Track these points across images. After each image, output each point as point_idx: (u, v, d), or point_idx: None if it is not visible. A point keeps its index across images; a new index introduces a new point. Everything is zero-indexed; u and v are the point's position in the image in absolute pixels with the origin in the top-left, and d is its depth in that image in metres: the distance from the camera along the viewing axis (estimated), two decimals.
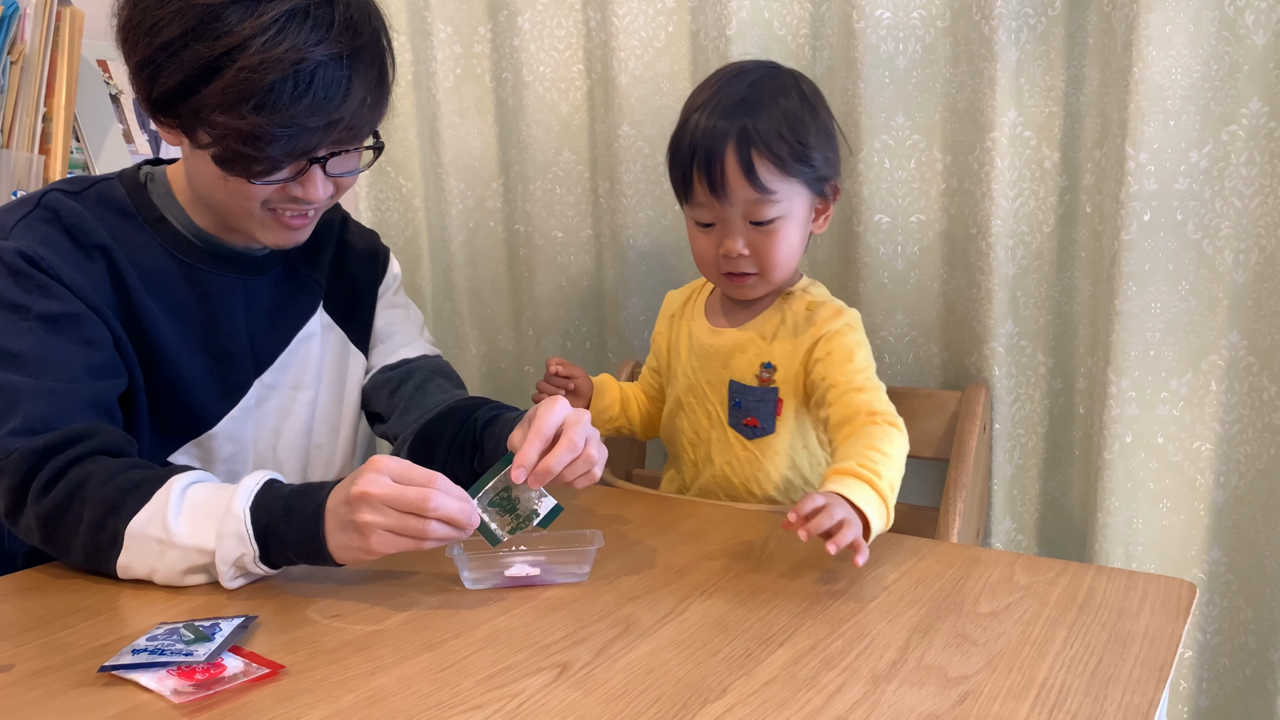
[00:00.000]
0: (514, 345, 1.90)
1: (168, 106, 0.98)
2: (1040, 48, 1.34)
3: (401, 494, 0.87)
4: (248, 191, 1.02)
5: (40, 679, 0.77)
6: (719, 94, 1.15)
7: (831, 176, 1.20)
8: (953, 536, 1.28)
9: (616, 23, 1.60)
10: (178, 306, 1.09)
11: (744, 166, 1.13)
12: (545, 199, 1.76)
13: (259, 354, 1.16)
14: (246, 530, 0.90)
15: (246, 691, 0.75)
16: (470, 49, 1.80)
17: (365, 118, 1.02)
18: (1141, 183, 1.24)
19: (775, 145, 1.13)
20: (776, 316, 1.23)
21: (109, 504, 0.92)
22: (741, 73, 1.18)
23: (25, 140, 1.66)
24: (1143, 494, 1.32)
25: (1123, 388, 1.29)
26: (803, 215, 1.18)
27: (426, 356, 1.29)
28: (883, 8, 1.40)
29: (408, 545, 0.88)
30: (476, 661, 0.79)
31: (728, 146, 1.13)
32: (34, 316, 0.99)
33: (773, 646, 0.82)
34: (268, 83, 0.93)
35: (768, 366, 1.22)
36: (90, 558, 0.94)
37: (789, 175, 1.14)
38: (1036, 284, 1.41)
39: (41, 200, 1.05)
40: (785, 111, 1.14)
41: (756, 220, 1.15)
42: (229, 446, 1.15)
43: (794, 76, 1.21)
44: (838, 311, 1.20)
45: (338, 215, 1.28)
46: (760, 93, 1.15)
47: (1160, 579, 0.94)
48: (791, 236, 1.17)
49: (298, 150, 0.98)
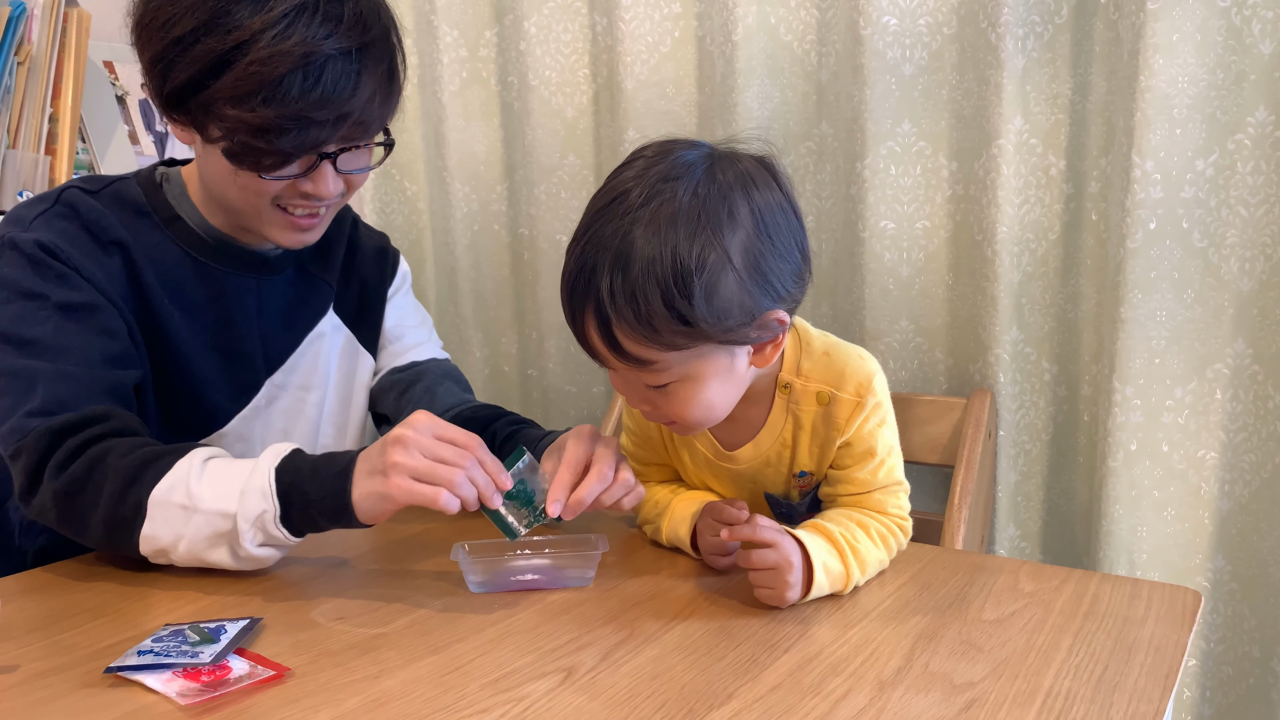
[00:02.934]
0: (517, 349, 1.90)
1: (180, 102, 0.99)
2: (1047, 55, 1.34)
3: (438, 446, 0.88)
4: (259, 187, 1.03)
5: (46, 680, 0.77)
6: (587, 231, 0.85)
7: (752, 320, 0.86)
8: (957, 543, 1.28)
9: (623, 27, 1.60)
10: (191, 305, 1.10)
11: (606, 342, 0.85)
12: (550, 203, 1.76)
13: (270, 354, 1.17)
14: (270, 486, 0.91)
15: (252, 694, 0.74)
16: (476, 52, 1.80)
17: (375, 113, 1.02)
18: (1147, 191, 1.24)
19: (640, 318, 0.82)
20: (787, 420, 1.00)
21: (129, 475, 0.93)
22: (620, 195, 0.84)
23: (31, 141, 1.66)
24: (1147, 502, 1.32)
25: (1127, 395, 1.29)
26: (714, 371, 0.89)
27: (436, 360, 1.29)
28: (889, 14, 1.40)
29: (424, 495, 0.86)
30: (482, 665, 0.79)
31: (586, 314, 0.85)
32: (52, 305, 1.00)
33: (778, 652, 0.82)
34: (277, 75, 0.94)
35: (802, 475, 1.03)
36: (111, 531, 0.94)
37: (669, 349, 0.85)
38: (1041, 291, 1.41)
39: (60, 197, 1.06)
40: (668, 271, 0.81)
41: (649, 384, 0.90)
42: (238, 446, 1.15)
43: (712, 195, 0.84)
44: (857, 405, 0.96)
45: (348, 217, 1.28)
46: (634, 239, 0.82)
47: (1165, 587, 0.94)
48: (699, 397, 0.89)
49: (307, 143, 0.99)
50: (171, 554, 0.94)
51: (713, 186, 0.85)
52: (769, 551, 0.88)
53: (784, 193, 0.89)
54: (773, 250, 0.86)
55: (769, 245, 0.86)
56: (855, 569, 0.93)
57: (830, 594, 0.92)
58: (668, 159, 0.86)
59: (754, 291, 0.85)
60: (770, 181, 0.88)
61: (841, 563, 0.92)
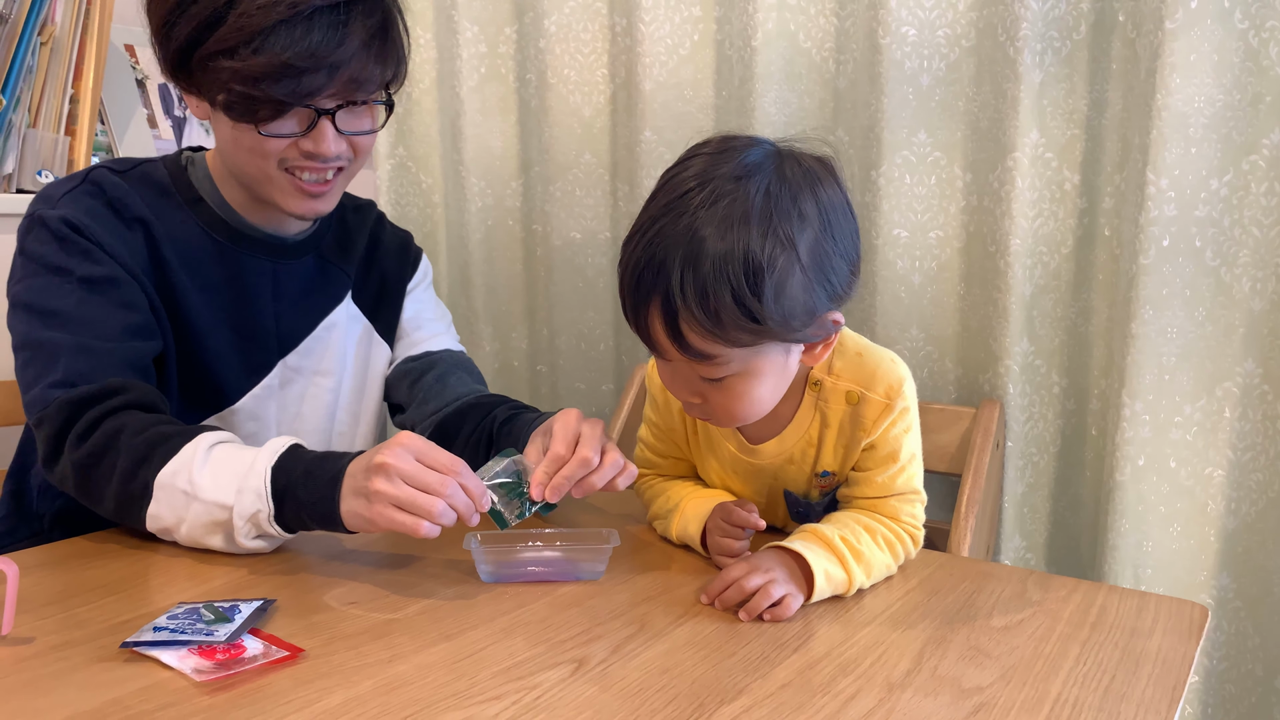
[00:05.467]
0: (528, 344, 1.91)
1: (183, 64, 1.04)
2: (1064, 71, 1.35)
3: (421, 474, 0.88)
4: (263, 148, 1.06)
5: (61, 653, 0.77)
6: (654, 224, 0.84)
7: (813, 320, 0.87)
8: (963, 551, 1.29)
9: (643, 29, 1.61)
10: (209, 283, 1.14)
11: (670, 334, 0.85)
12: (564, 200, 1.77)
13: (283, 335, 1.20)
14: (265, 488, 0.93)
15: (266, 673, 0.75)
16: (495, 49, 1.81)
17: (369, 70, 1.05)
18: (1161, 208, 1.25)
19: (709, 313, 0.82)
20: (815, 417, 1.00)
21: (140, 455, 0.96)
22: (690, 190, 0.84)
23: (52, 121, 1.67)
24: (1153, 517, 1.33)
25: (1136, 410, 1.30)
26: (770, 367, 0.90)
27: (449, 350, 1.31)
28: (908, 25, 1.41)
29: (406, 525, 0.87)
30: (494, 653, 0.80)
31: (651, 309, 0.85)
32: (76, 279, 1.04)
33: (787, 651, 0.82)
34: (266, 25, 0.98)
35: (824, 475, 1.03)
36: (121, 506, 0.97)
37: (734, 345, 0.85)
38: (1053, 304, 1.41)
39: (88, 176, 1.10)
40: (739, 266, 0.81)
41: (704, 377, 0.89)
42: (250, 424, 1.18)
43: (783, 192, 0.84)
44: (886, 406, 0.97)
45: (373, 213, 1.32)
46: (703, 234, 0.82)
47: (1172, 600, 0.95)
48: (753, 392, 0.90)
49: (299, 92, 1.02)
50: (175, 533, 0.97)
51: (783, 185, 0.84)
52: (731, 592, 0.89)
53: (843, 192, 0.89)
54: (835, 249, 0.86)
55: (833, 244, 0.86)
56: (859, 572, 0.93)
57: (832, 595, 0.93)
58: (733, 159, 0.86)
59: (816, 291, 0.85)
60: (832, 180, 0.88)
61: (843, 568, 0.93)
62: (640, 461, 1.13)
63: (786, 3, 1.52)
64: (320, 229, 1.23)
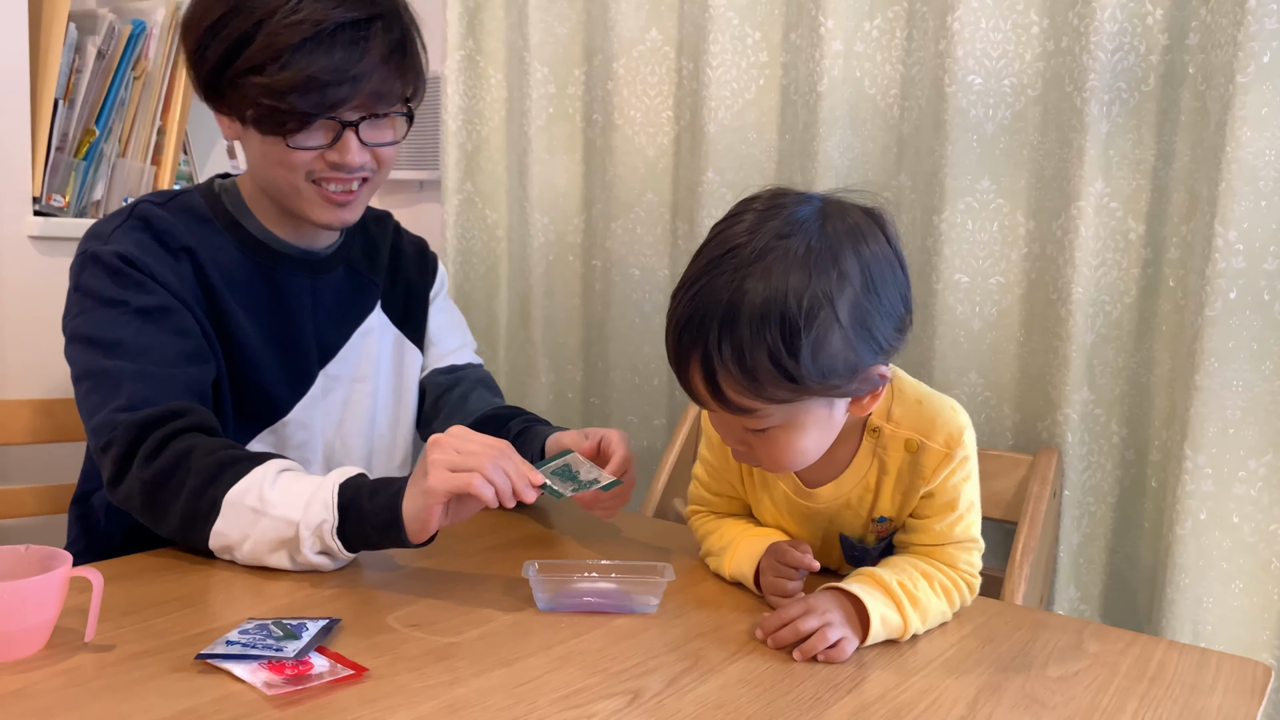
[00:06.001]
0: (583, 377, 1.93)
1: (215, 85, 1.11)
2: (1131, 122, 1.35)
3: (469, 443, 0.96)
4: (291, 160, 1.12)
5: (140, 661, 0.80)
6: (698, 281, 0.86)
7: (855, 375, 0.87)
8: (1018, 600, 1.28)
9: (709, 73, 1.64)
10: (252, 302, 1.19)
11: (710, 390, 0.87)
12: (625, 237, 1.80)
13: (323, 346, 1.26)
14: (332, 499, 0.98)
15: (332, 690, 0.77)
16: (564, 90, 1.85)
17: (389, 83, 1.11)
18: (1229, 260, 1.24)
19: (746, 371, 0.84)
20: (873, 464, 1.00)
21: (209, 474, 1.01)
22: (733, 250, 0.85)
23: (140, 151, 1.74)
24: (1214, 573, 1.31)
25: (1199, 464, 1.28)
26: (814, 421, 0.91)
27: (472, 365, 1.40)
28: (974, 74, 1.42)
29: (460, 481, 0.92)
30: (551, 681, 0.81)
31: (692, 365, 0.87)
32: (132, 310, 1.10)
33: (840, 693, 0.82)
34: (292, 42, 1.05)
35: (881, 521, 1.03)
36: (186, 523, 1.01)
37: (771, 401, 0.87)
38: (1115, 353, 1.41)
39: (134, 211, 1.16)
40: (776, 325, 0.82)
41: (749, 428, 0.91)
42: (300, 434, 1.24)
43: (824, 247, 0.85)
44: (945, 456, 0.96)
45: (390, 223, 1.39)
46: (745, 292, 0.83)
47: (1234, 658, 0.94)
48: (796, 444, 0.91)
49: (325, 104, 1.08)
50: (236, 551, 1.01)
51: (825, 242, 0.85)
52: (786, 632, 0.90)
53: (891, 246, 0.89)
54: (879, 306, 0.86)
55: (875, 301, 0.86)
56: (914, 618, 0.93)
57: (887, 639, 0.93)
58: (781, 214, 0.87)
59: (858, 347, 0.86)
60: (878, 234, 0.89)
61: (899, 614, 0.93)
62: (694, 499, 1.15)
63: (853, 50, 1.54)
64: (347, 241, 1.29)
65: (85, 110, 1.67)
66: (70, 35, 1.63)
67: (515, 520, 1.27)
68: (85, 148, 1.68)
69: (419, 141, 2.18)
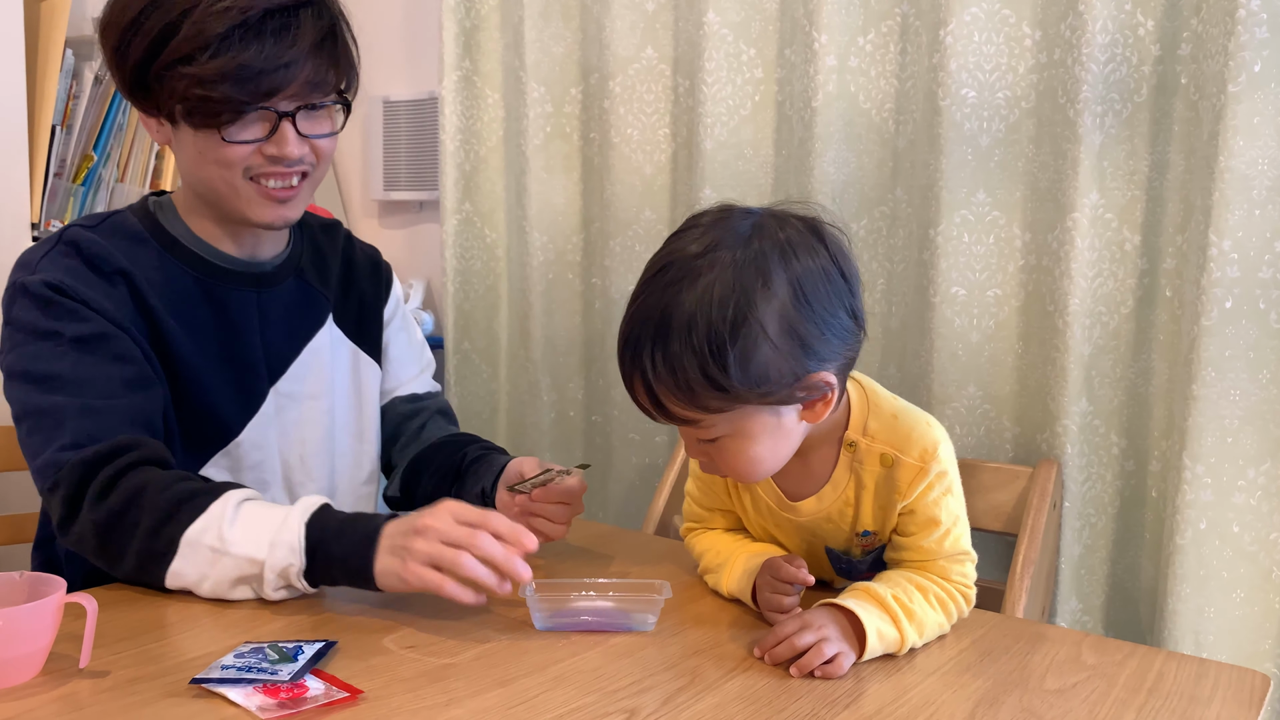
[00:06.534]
0: (583, 395, 1.94)
1: (141, 81, 1.07)
2: (1125, 133, 1.36)
3: (452, 529, 0.92)
4: (226, 156, 1.08)
5: (135, 686, 0.80)
6: (638, 297, 0.90)
7: (795, 382, 0.89)
8: (1018, 613, 1.28)
9: (705, 90, 1.65)
10: (196, 323, 1.15)
11: (652, 402, 0.90)
12: (624, 255, 1.81)
13: (272, 363, 1.21)
14: (299, 542, 0.95)
15: (327, 713, 0.77)
16: (561, 108, 1.86)
17: (322, 71, 1.08)
18: (1224, 269, 1.24)
19: (679, 386, 0.87)
20: (850, 479, 1.00)
21: (165, 512, 0.97)
22: (665, 267, 0.89)
23: (139, 175, 1.76)
24: (1215, 583, 1.30)
25: (1198, 473, 1.28)
26: (761, 429, 0.92)
27: (432, 395, 1.38)
28: (968, 87, 1.43)
29: (433, 581, 0.91)
30: (547, 701, 0.81)
31: (634, 380, 0.91)
32: (67, 340, 1.05)
33: (838, 708, 0.82)
34: (219, 31, 1.02)
35: (866, 535, 1.03)
36: (143, 564, 0.98)
37: (709, 411, 0.89)
38: (1112, 364, 1.41)
39: (62, 236, 1.11)
40: (703, 342, 0.85)
41: (699, 439, 0.93)
42: (255, 454, 1.19)
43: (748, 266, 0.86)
44: (920, 470, 0.97)
45: (341, 232, 1.34)
46: (673, 312, 0.86)
47: (1232, 668, 0.93)
48: (748, 453, 0.92)
49: (259, 92, 1.05)
50: (196, 590, 0.98)
51: (751, 255, 0.87)
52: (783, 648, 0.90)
53: (831, 256, 0.90)
54: (812, 317, 0.88)
55: (807, 312, 0.87)
56: (911, 632, 0.93)
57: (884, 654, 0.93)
58: (719, 228, 0.89)
59: (792, 357, 0.87)
60: (815, 246, 0.90)
61: (895, 628, 0.92)
62: (689, 515, 1.15)
63: (847, 65, 1.55)
64: (294, 251, 1.25)
65: (83, 136, 1.68)
66: (67, 61, 1.64)
67: None
68: (83, 173, 1.69)
69: (417, 162, 2.19)
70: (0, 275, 1.58)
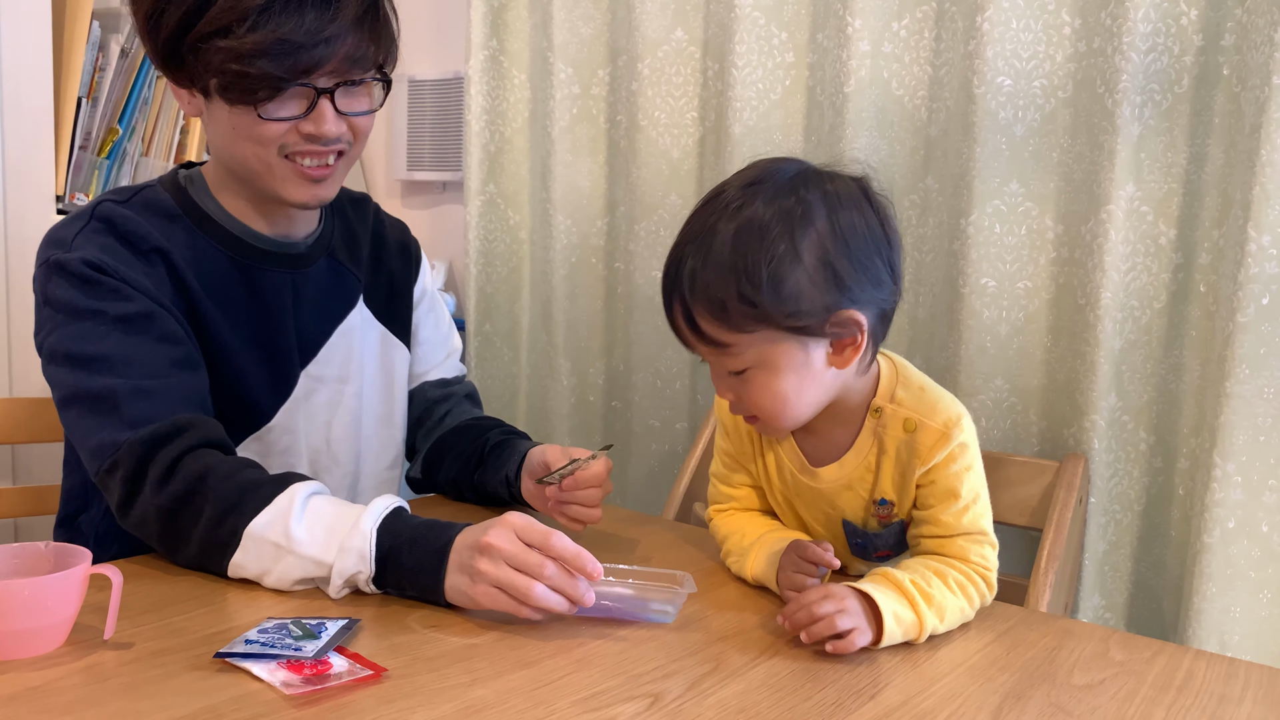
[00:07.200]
0: (604, 380, 1.93)
1: (174, 52, 1.03)
2: (1164, 124, 1.34)
3: (523, 554, 0.89)
4: (262, 134, 1.05)
5: (159, 659, 0.80)
6: (687, 227, 0.96)
7: (826, 316, 0.92)
8: (1042, 607, 1.26)
9: (734, 74, 1.63)
10: (231, 304, 1.12)
11: (686, 321, 0.95)
12: (649, 240, 1.80)
13: (303, 346, 1.19)
14: (370, 550, 0.93)
15: (351, 690, 0.77)
16: (588, 90, 1.85)
17: (363, 46, 1.05)
18: (1262, 265, 1.22)
19: (714, 302, 0.91)
20: (873, 443, 1.02)
21: (230, 501, 0.95)
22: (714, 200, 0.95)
23: (164, 150, 1.75)
24: (1242, 582, 1.29)
25: (1228, 472, 1.26)
26: (788, 362, 0.94)
27: (460, 380, 1.38)
28: (1004, 75, 1.41)
29: (507, 607, 0.89)
30: (571, 683, 0.81)
31: (674, 299, 0.95)
32: (110, 319, 1.02)
33: (863, 699, 0.81)
34: (258, 3, 0.99)
35: (883, 504, 1.04)
36: (205, 553, 0.96)
37: (740, 331, 0.92)
38: (1143, 359, 1.39)
39: (95, 212, 1.07)
40: (740, 259, 0.90)
41: (729, 370, 0.97)
42: (284, 439, 1.17)
43: (792, 203, 0.92)
44: (942, 435, 0.98)
45: (370, 208, 1.32)
46: (719, 233, 0.92)
47: (1264, 668, 0.92)
48: (774, 386, 0.95)
49: (298, 69, 1.01)
50: (258, 582, 0.96)
51: (793, 195, 0.92)
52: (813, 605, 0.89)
53: (876, 214, 0.95)
54: (849, 255, 0.92)
55: (844, 250, 0.92)
56: (929, 616, 0.93)
57: (905, 641, 0.92)
58: (770, 171, 0.95)
59: (825, 288, 0.91)
60: (860, 201, 0.94)
61: (913, 610, 0.92)
62: (714, 497, 1.15)
63: (881, 51, 1.53)
64: (326, 230, 1.23)
65: (109, 109, 1.68)
66: (93, 33, 1.64)
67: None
68: (108, 147, 1.69)
69: (441, 142, 2.18)
70: (25, 247, 1.59)
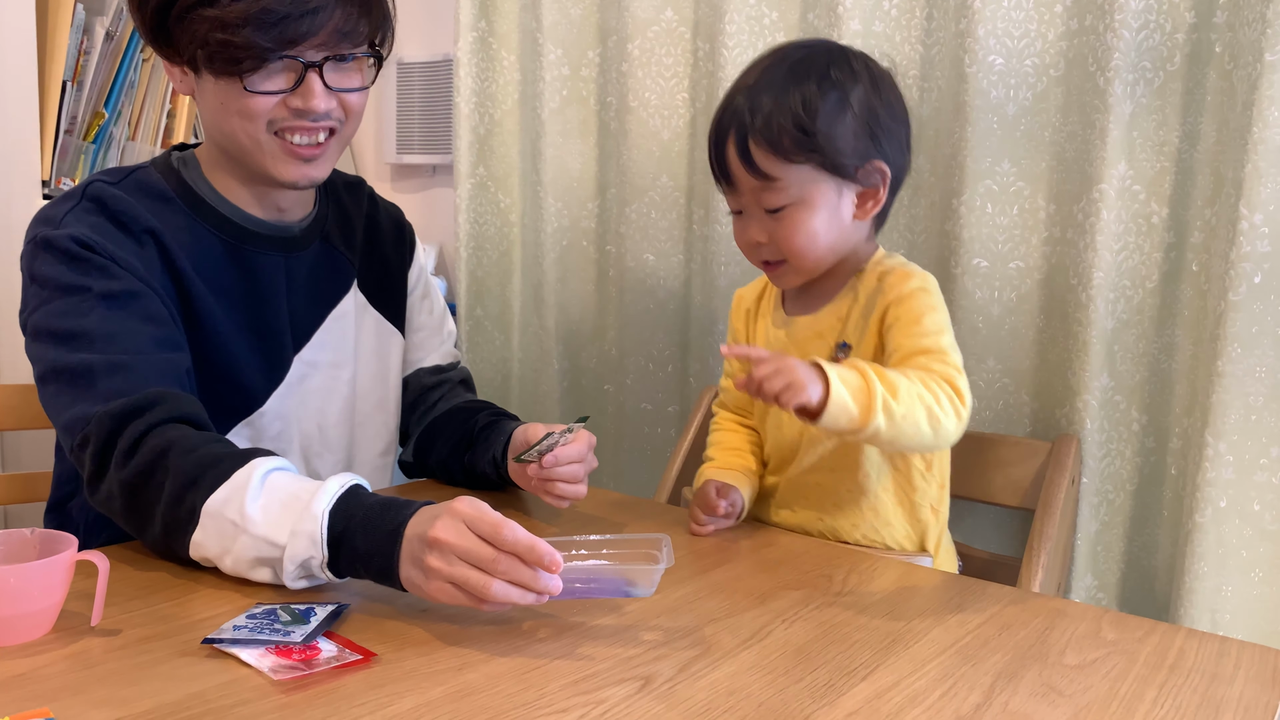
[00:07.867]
0: (596, 363, 1.92)
1: (162, 24, 1.03)
2: (1156, 102, 1.33)
3: (471, 548, 0.82)
4: (249, 108, 1.03)
5: (147, 645, 0.80)
6: (744, 76, 1.11)
7: (861, 162, 1.09)
8: (1034, 588, 1.26)
9: (725, 54, 1.62)
10: (224, 287, 1.11)
11: (740, 152, 1.08)
12: (640, 222, 1.79)
13: (297, 330, 1.18)
14: (321, 534, 0.88)
15: (340, 675, 0.77)
16: (578, 72, 1.83)
17: (353, 20, 1.03)
18: (1254, 244, 1.22)
19: (772, 131, 1.06)
20: (850, 297, 1.15)
21: (189, 477, 0.91)
22: (773, 57, 1.11)
23: (150, 134, 1.74)
24: (1234, 561, 1.29)
25: (1220, 451, 1.26)
26: (824, 201, 1.09)
27: (456, 366, 1.38)
28: (996, 54, 1.40)
29: (466, 602, 0.83)
30: (561, 666, 0.81)
31: (730, 132, 1.09)
32: (95, 296, 1.00)
33: (855, 680, 0.81)
34: None
35: (843, 347, 1.14)
36: (168, 531, 0.93)
37: (789, 161, 1.07)
38: (1135, 339, 1.39)
39: (86, 191, 1.06)
40: (798, 94, 1.06)
41: (768, 208, 1.10)
42: (276, 424, 1.16)
43: (839, 58, 1.10)
44: (907, 275, 1.12)
45: (364, 193, 1.31)
46: (777, 76, 1.08)
47: (1255, 647, 0.92)
48: (808, 224, 1.09)
49: (284, 39, 1.00)
50: (218, 564, 0.92)
51: (842, 56, 1.10)
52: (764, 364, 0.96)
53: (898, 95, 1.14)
54: (887, 112, 1.10)
55: (883, 106, 1.10)
56: (877, 384, 0.97)
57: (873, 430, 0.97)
58: (810, 44, 1.13)
59: (865, 138, 1.08)
60: (892, 83, 1.14)
61: (860, 377, 0.97)
62: (718, 404, 1.34)
63: (872, 30, 1.52)
64: (320, 213, 1.21)
65: (94, 93, 1.66)
66: (78, 16, 1.62)
67: (523, 501, 1.26)
68: (94, 131, 1.67)
69: (431, 125, 2.17)
70: (12, 233, 1.57)
